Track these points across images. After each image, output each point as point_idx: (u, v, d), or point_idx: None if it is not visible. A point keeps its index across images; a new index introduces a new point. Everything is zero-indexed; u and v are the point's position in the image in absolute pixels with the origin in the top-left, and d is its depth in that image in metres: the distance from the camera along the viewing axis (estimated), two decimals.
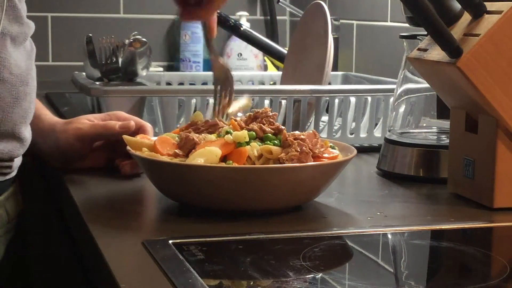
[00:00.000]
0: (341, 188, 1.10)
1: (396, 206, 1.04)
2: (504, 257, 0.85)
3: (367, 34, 1.96)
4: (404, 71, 1.21)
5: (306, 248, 0.83)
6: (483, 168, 1.01)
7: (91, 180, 1.13)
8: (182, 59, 2.28)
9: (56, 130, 1.16)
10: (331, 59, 1.39)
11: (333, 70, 1.62)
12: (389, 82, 1.51)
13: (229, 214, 0.94)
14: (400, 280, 0.79)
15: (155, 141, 0.99)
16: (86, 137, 1.15)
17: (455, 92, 1.04)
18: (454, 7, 1.03)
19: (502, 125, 0.98)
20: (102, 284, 0.82)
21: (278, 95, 1.36)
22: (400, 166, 1.16)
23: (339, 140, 1.21)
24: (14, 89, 1.02)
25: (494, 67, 0.97)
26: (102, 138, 1.16)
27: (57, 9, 2.29)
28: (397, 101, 1.21)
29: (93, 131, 1.15)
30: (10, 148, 1.04)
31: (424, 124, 1.23)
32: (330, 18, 1.43)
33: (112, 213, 0.98)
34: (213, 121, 1.03)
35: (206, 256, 0.80)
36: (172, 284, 0.72)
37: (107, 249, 0.83)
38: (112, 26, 2.29)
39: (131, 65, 1.51)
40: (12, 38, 1.03)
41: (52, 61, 2.30)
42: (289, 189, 0.94)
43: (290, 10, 2.32)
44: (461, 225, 0.94)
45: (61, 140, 1.15)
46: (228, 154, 0.95)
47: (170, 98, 1.32)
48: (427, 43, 1.07)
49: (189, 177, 0.94)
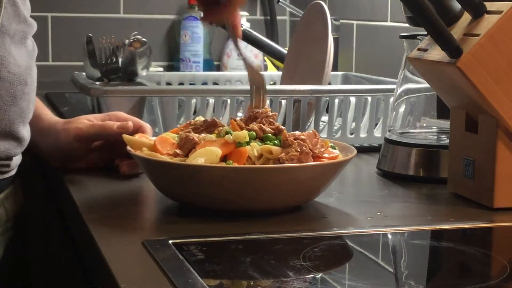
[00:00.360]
0: (341, 188, 1.10)
1: (396, 206, 1.04)
2: (504, 257, 0.85)
3: (367, 34, 1.96)
4: (404, 71, 1.21)
5: (306, 248, 0.83)
6: (483, 168, 1.01)
7: (91, 180, 1.13)
8: (182, 59, 2.28)
9: (56, 129, 1.16)
10: (331, 59, 1.39)
11: (333, 70, 1.62)
12: (389, 82, 1.51)
13: (229, 214, 0.94)
14: (400, 280, 0.79)
15: (155, 141, 0.99)
16: (85, 137, 1.15)
17: (455, 92, 1.04)
18: (454, 7, 1.03)
19: (502, 125, 0.98)
20: (102, 284, 0.82)
21: (278, 95, 1.36)
22: (400, 166, 1.16)
23: (339, 140, 1.21)
24: (12, 87, 1.02)
25: (494, 67, 0.97)
26: (101, 138, 1.17)
27: (57, 9, 2.29)
28: (397, 101, 1.21)
29: (92, 131, 1.15)
30: (7, 147, 1.04)
31: (424, 124, 1.23)
32: (330, 18, 1.43)
33: (112, 213, 0.98)
34: (211, 121, 1.03)
35: (206, 256, 0.80)
36: (172, 284, 0.72)
37: (107, 249, 0.83)
38: (112, 26, 2.29)
39: (131, 65, 1.51)
40: (11, 36, 1.02)
41: (52, 61, 2.30)
42: (289, 189, 0.94)
43: (290, 10, 2.32)
44: (461, 225, 0.94)
45: (60, 139, 1.15)
46: (228, 154, 0.95)
47: (170, 98, 1.32)
48: (427, 43, 1.06)
49: (189, 177, 0.94)
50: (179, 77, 1.75)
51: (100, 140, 1.17)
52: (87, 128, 1.15)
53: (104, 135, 1.16)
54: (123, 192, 1.08)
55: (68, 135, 1.15)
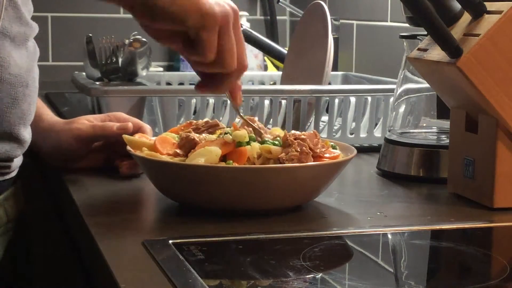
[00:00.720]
0: (341, 188, 1.10)
1: (396, 206, 1.04)
2: (504, 257, 0.85)
3: (367, 34, 1.96)
4: (404, 71, 1.21)
5: (306, 248, 0.83)
6: (483, 168, 1.01)
7: (91, 180, 1.13)
8: (182, 59, 2.28)
9: (56, 130, 1.17)
10: (331, 59, 1.39)
11: (333, 70, 1.62)
12: (389, 82, 1.51)
13: (229, 214, 0.94)
14: (400, 280, 0.79)
15: (155, 141, 1.00)
16: (85, 137, 1.16)
17: (455, 92, 1.04)
18: (454, 7, 1.03)
19: (502, 125, 0.98)
20: (102, 284, 0.82)
21: (278, 95, 1.36)
22: (400, 166, 1.16)
23: (339, 140, 1.21)
24: (13, 89, 1.02)
25: (494, 67, 0.97)
26: (101, 139, 1.17)
27: (57, 9, 2.29)
28: (397, 101, 1.21)
29: (92, 132, 1.16)
30: (7, 148, 1.04)
31: (424, 124, 1.23)
32: (330, 18, 1.44)
33: (112, 213, 0.98)
34: (213, 122, 1.03)
35: (206, 256, 0.80)
36: (172, 284, 0.72)
37: (107, 249, 0.83)
38: (112, 26, 2.29)
39: (131, 65, 1.51)
40: (12, 38, 1.02)
41: (52, 61, 2.30)
42: (289, 189, 0.94)
43: (290, 10, 2.32)
44: (461, 225, 0.94)
45: (61, 139, 1.16)
46: (228, 154, 0.95)
47: (170, 98, 1.32)
48: (427, 43, 1.06)
49: (189, 177, 0.94)
50: (179, 77, 1.75)
51: (100, 141, 1.17)
52: (87, 129, 1.16)
53: (104, 135, 1.16)
54: (123, 192, 1.08)
55: (68, 136, 1.16)
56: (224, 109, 1.37)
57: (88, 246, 0.89)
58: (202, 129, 1.02)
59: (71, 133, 1.16)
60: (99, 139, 1.17)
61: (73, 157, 1.17)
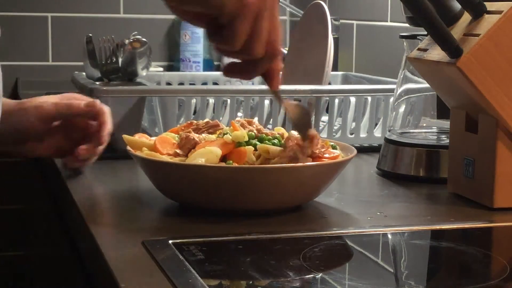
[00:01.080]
0: (341, 188, 1.10)
1: (396, 206, 1.04)
2: (504, 257, 0.85)
3: (367, 34, 1.96)
4: (404, 71, 1.21)
5: (306, 248, 0.83)
6: (483, 168, 1.01)
7: (91, 180, 1.13)
8: (182, 59, 2.28)
9: (14, 109, 1.12)
10: (331, 59, 1.39)
11: (333, 70, 1.62)
12: (389, 82, 1.51)
13: (229, 214, 0.94)
14: (400, 280, 0.79)
15: (155, 141, 0.99)
16: (47, 115, 1.12)
17: (455, 92, 1.04)
18: (454, 7, 1.03)
19: (502, 125, 0.98)
20: (102, 284, 0.82)
21: None
22: (400, 166, 1.16)
23: (339, 140, 1.21)
24: None
25: (494, 67, 0.97)
26: (63, 117, 1.13)
27: (57, 9, 2.28)
28: (397, 101, 1.21)
29: (55, 110, 1.12)
30: None
31: (424, 124, 1.23)
32: (330, 18, 1.44)
33: (112, 213, 0.98)
34: (214, 122, 1.03)
35: (206, 256, 0.80)
36: (172, 284, 0.72)
37: (107, 249, 0.83)
38: (112, 26, 2.29)
39: (131, 65, 1.51)
40: None
41: (52, 61, 2.30)
42: (289, 189, 0.94)
43: (290, 10, 2.32)
44: (461, 225, 0.94)
45: (21, 118, 1.11)
46: (228, 154, 0.95)
47: (170, 98, 1.32)
48: (427, 43, 1.06)
49: (189, 177, 0.94)
50: (179, 77, 1.75)
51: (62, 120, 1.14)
52: (50, 107, 1.12)
53: (67, 114, 1.12)
54: (123, 192, 1.08)
55: (28, 114, 1.11)
56: (224, 109, 1.37)
57: (88, 246, 0.89)
58: (202, 130, 1.02)
59: (33, 111, 1.11)
60: (61, 118, 1.13)
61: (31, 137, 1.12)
